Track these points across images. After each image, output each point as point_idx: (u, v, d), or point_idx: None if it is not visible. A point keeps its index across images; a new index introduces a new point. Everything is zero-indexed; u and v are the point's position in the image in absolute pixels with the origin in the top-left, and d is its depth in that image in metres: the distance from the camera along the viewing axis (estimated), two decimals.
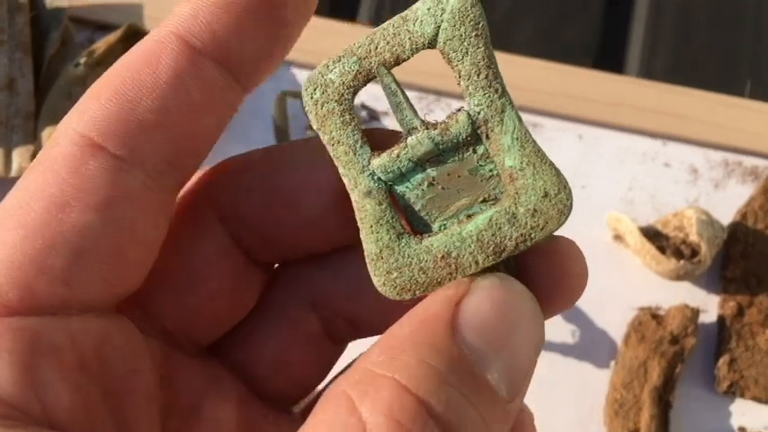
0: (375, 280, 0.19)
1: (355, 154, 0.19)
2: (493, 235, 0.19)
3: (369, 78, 0.19)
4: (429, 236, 0.19)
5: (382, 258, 0.19)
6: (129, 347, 0.19)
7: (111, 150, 0.18)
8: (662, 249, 0.47)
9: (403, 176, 0.19)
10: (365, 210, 0.19)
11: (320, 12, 0.54)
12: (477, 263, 0.19)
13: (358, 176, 0.19)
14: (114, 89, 0.18)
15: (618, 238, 0.49)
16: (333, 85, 0.19)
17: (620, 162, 0.51)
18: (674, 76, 0.53)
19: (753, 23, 0.55)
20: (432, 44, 0.19)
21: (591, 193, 0.50)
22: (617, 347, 0.47)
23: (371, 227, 0.19)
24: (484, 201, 0.19)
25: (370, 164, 0.19)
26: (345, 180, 0.19)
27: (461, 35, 0.19)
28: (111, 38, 0.47)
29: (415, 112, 0.19)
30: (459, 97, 0.52)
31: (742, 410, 0.46)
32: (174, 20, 0.18)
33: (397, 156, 0.19)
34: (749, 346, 0.47)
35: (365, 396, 0.16)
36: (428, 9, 0.19)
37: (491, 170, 0.19)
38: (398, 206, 0.20)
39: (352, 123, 0.19)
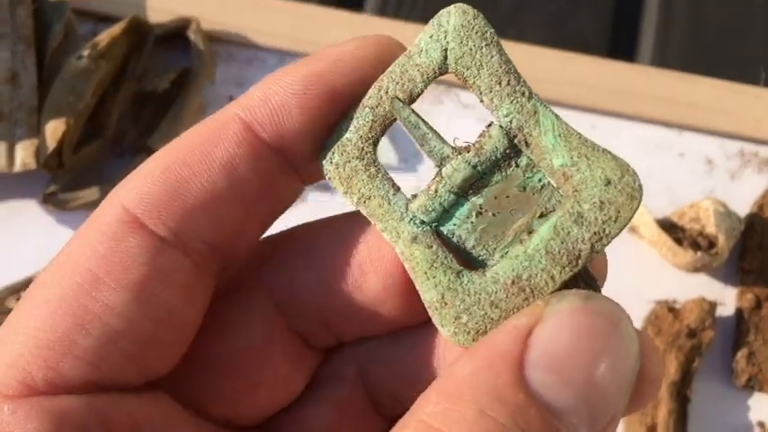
0: (444, 331, 0.17)
1: (390, 203, 0.18)
2: (562, 242, 0.17)
3: (387, 123, 0.18)
4: (491, 266, 0.17)
5: (446, 304, 0.17)
6: (164, 426, 0.18)
7: (153, 229, 0.17)
8: (678, 241, 0.46)
9: (447, 213, 0.18)
10: (414, 258, 0.18)
11: (326, 2, 0.53)
12: (552, 278, 0.17)
13: (398, 225, 0.18)
14: (165, 166, 0.17)
15: (633, 229, 0.48)
16: (350, 143, 0.18)
17: (634, 152, 0.50)
18: (688, 65, 0.52)
19: (766, 11, 0.54)
20: (443, 69, 0.18)
21: None
22: None
23: (426, 273, 0.18)
24: (542, 216, 0.17)
25: (408, 209, 0.18)
26: (386, 235, 0.18)
27: (471, 49, 0.18)
28: (115, 30, 0.46)
29: (442, 139, 0.18)
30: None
31: (761, 404, 0.46)
32: (243, 101, 0.18)
33: (435, 191, 0.18)
34: (767, 339, 0.46)
35: None
36: (430, 37, 0.18)
37: (540, 179, 0.18)
38: (450, 248, 0.18)
39: (380, 175, 0.18)
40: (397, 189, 0.18)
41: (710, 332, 0.45)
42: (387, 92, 0.18)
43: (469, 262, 0.18)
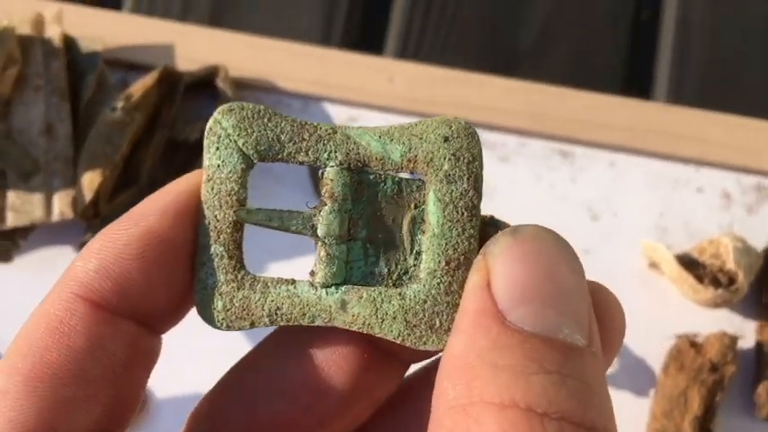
0: (432, 347, 0.18)
1: (299, 297, 0.18)
2: (453, 205, 0.18)
3: (236, 242, 0.19)
4: (418, 267, 0.19)
5: (415, 324, 0.18)
6: None
7: None
8: (699, 278, 0.47)
9: (348, 264, 0.19)
10: (359, 317, 0.18)
11: (348, 45, 0.54)
12: (470, 236, 0.18)
13: (322, 306, 0.18)
14: (24, 378, 0.17)
15: (653, 265, 0.49)
16: (221, 283, 0.19)
17: (652, 189, 0.51)
18: (704, 100, 0.54)
19: None
20: (249, 164, 0.19)
21: (623, 220, 0.50)
22: (656, 376, 0.47)
23: (378, 318, 0.18)
24: (417, 206, 0.19)
25: (317, 288, 0.19)
26: (318, 322, 0.18)
27: (260, 133, 0.19)
28: (148, 81, 0.48)
29: (298, 212, 0.19)
30: (488, 127, 0.52)
31: None
32: (78, 277, 0.17)
33: (327, 254, 0.18)
34: None
35: None
36: (217, 149, 0.19)
37: (393, 180, 0.19)
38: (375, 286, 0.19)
39: (268, 283, 0.19)
40: (293, 281, 0.19)
41: (732, 367, 0.46)
42: (216, 218, 0.18)
43: (397, 285, 0.19)
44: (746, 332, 0.48)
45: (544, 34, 0.56)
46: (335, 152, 0.19)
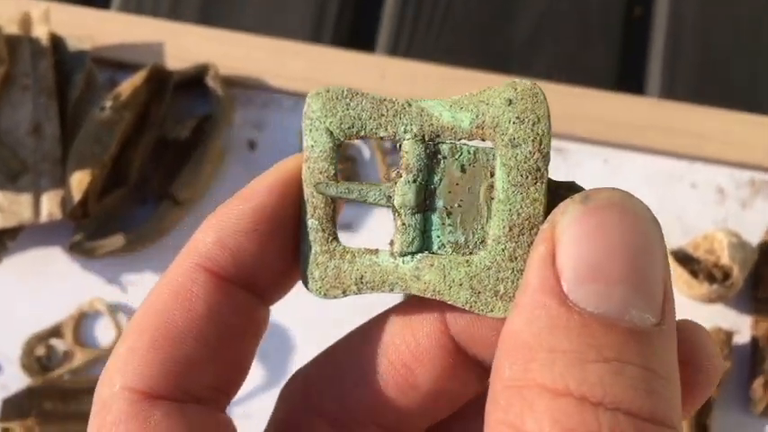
0: (499, 314, 0.18)
1: (380, 266, 0.19)
2: (518, 169, 0.18)
3: (332, 215, 0.20)
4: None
5: (479, 291, 0.18)
6: None
7: (167, 396, 0.18)
8: (694, 273, 0.47)
9: (426, 233, 0.19)
10: (431, 284, 0.19)
11: (339, 43, 0.54)
12: (535, 199, 0.18)
13: (399, 275, 0.19)
14: (151, 336, 0.18)
15: None
16: (317, 254, 0.20)
17: (646, 185, 0.51)
18: (697, 95, 0.53)
19: None
20: (336, 142, 0.20)
21: None
22: None
23: (446, 285, 0.19)
24: (492, 174, 0.19)
25: (395, 257, 0.19)
26: (397, 290, 0.19)
27: (343, 114, 0.20)
28: (136, 80, 0.47)
29: (376, 184, 0.19)
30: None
31: None
32: (199, 249, 0.19)
33: (403, 224, 0.19)
34: None
35: (523, 420, 0.15)
36: (309, 131, 0.20)
37: (468, 150, 0.19)
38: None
39: (356, 253, 0.20)
40: (376, 250, 0.20)
41: (727, 362, 0.46)
42: (312, 195, 0.20)
43: (474, 253, 0.19)
44: (742, 327, 0.48)
45: (537, 30, 0.55)
46: (411, 125, 0.19)
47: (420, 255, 0.19)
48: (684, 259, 0.47)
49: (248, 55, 0.52)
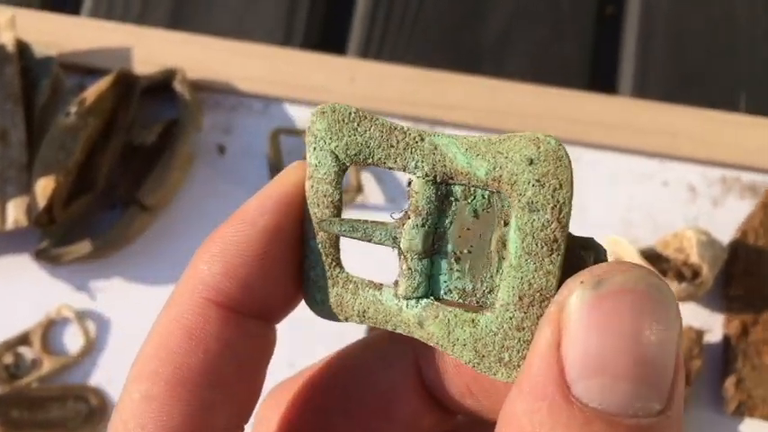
0: (501, 378, 0.17)
1: (383, 304, 0.19)
2: (533, 236, 0.17)
3: (334, 241, 0.19)
4: (497, 293, 0.18)
5: (484, 355, 0.18)
6: None
7: None
8: (663, 272, 0.46)
9: (432, 278, 0.18)
10: (433, 335, 0.18)
11: (310, 46, 0.54)
12: (549, 272, 0.17)
13: (402, 317, 0.18)
14: (167, 383, 0.18)
15: (618, 260, 0.48)
16: (320, 278, 0.19)
17: (617, 183, 0.51)
18: (669, 93, 0.53)
19: (746, 37, 0.55)
20: (342, 167, 0.19)
21: (590, 215, 0.50)
22: None
23: (450, 341, 0.18)
24: (506, 223, 0.18)
25: (399, 299, 0.18)
26: (400, 331, 0.18)
27: (349, 138, 0.19)
28: (102, 85, 0.47)
29: (381, 223, 0.19)
30: (452, 125, 0.52)
31: (752, 430, 0.46)
32: (204, 281, 0.18)
33: (409, 268, 0.18)
34: (756, 366, 0.46)
35: None
36: (314, 149, 0.19)
37: (483, 195, 0.18)
38: (457, 304, 0.18)
39: (359, 284, 0.19)
40: (380, 286, 0.19)
41: (698, 361, 0.46)
42: (316, 217, 0.19)
43: (481, 303, 0.18)
44: (714, 326, 0.48)
45: (507, 31, 0.55)
46: (423, 162, 0.18)
47: (425, 300, 0.18)
48: (654, 258, 0.47)
49: (216, 58, 0.52)
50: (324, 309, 0.19)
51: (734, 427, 0.46)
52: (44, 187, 0.44)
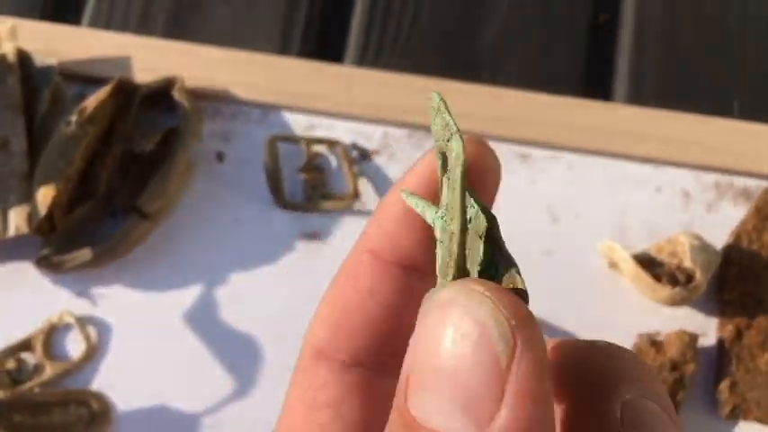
0: None
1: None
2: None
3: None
4: None
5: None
6: None
7: (338, 357, 0.21)
8: (657, 277, 0.47)
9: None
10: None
11: (307, 55, 0.55)
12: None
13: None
14: (331, 310, 0.21)
15: (613, 266, 0.49)
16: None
17: (611, 189, 0.51)
18: (662, 101, 0.54)
19: (738, 43, 0.56)
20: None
21: (584, 221, 0.51)
22: None
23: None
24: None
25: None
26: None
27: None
28: (101, 94, 0.48)
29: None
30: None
31: None
32: (367, 236, 0.22)
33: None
34: (750, 369, 0.47)
35: None
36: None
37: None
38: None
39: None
40: None
41: (692, 365, 0.46)
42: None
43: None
44: (708, 330, 0.48)
45: (502, 38, 0.56)
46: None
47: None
48: (648, 263, 0.48)
49: (216, 67, 0.52)
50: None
51: (728, 431, 0.47)
52: (45, 195, 0.45)
